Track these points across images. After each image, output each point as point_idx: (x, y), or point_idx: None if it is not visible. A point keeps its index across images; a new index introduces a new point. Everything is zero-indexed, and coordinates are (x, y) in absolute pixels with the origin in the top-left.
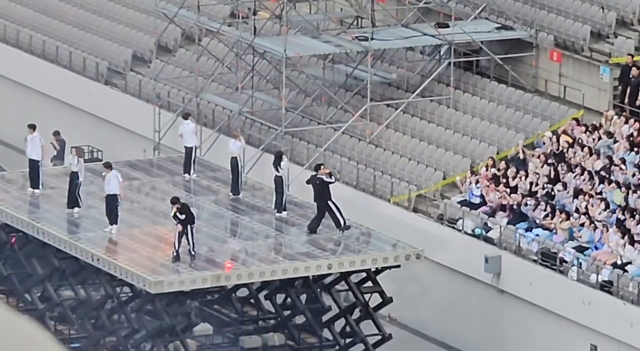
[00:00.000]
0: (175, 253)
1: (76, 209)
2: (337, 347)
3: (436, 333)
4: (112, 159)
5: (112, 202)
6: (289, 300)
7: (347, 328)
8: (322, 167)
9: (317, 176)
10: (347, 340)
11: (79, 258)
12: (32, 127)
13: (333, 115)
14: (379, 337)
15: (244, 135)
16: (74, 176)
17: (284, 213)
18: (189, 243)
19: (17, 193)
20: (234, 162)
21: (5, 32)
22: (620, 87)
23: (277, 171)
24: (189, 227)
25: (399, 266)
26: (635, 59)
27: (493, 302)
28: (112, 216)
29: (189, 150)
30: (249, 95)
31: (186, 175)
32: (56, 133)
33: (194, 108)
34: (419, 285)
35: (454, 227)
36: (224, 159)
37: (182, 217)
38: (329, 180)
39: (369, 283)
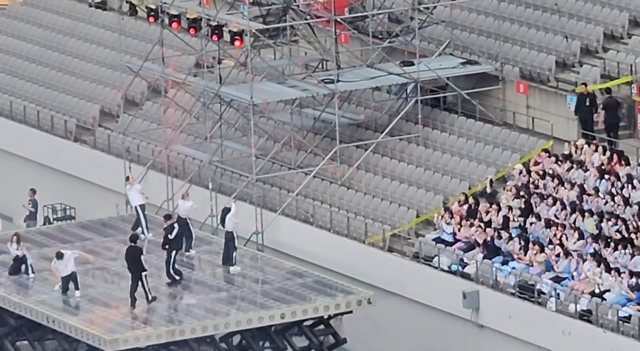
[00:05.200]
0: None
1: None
2: None
3: None
4: (85, 216)
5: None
6: (244, 341)
7: None
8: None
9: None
10: None
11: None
12: None
13: (303, 159)
14: None
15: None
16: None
17: (235, 267)
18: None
19: None
20: (184, 222)
21: None
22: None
23: (223, 226)
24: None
25: (351, 312)
26: (593, 87)
27: (473, 338)
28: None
29: (138, 209)
30: (218, 144)
31: (142, 235)
32: (33, 191)
33: (164, 160)
34: (398, 323)
35: (430, 265)
36: (197, 210)
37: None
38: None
39: (322, 326)
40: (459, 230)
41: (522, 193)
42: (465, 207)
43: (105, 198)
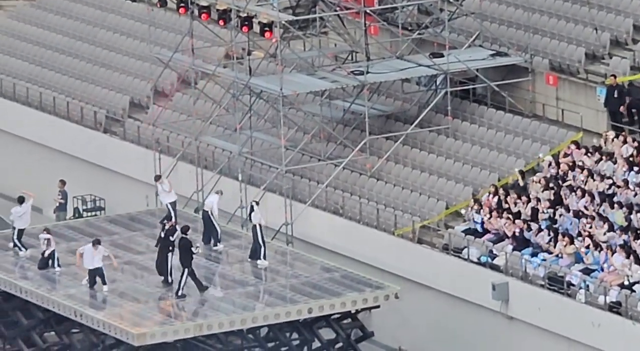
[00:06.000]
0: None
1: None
2: None
3: None
4: (114, 207)
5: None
6: (271, 333)
7: None
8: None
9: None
10: None
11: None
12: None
13: (333, 151)
14: None
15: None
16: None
17: (262, 262)
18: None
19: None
20: (206, 215)
21: (1, 86)
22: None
23: (250, 221)
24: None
25: (378, 306)
26: (622, 79)
27: (502, 329)
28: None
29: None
30: (247, 135)
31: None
32: (62, 182)
33: (193, 151)
34: (427, 315)
35: (459, 256)
36: (227, 201)
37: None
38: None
39: (349, 320)
40: (488, 221)
41: (551, 185)
42: (495, 198)
43: (135, 190)
